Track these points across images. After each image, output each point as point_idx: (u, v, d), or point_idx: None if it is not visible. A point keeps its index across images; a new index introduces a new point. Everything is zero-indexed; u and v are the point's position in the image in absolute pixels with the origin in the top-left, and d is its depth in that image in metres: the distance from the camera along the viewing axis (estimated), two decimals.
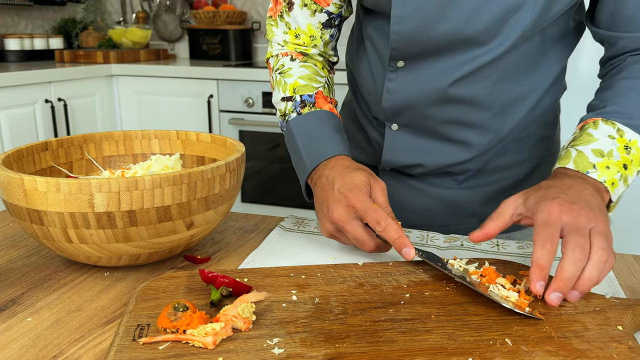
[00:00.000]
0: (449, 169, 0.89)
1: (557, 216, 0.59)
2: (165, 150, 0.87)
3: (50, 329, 0.56)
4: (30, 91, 2.28)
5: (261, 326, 0.53)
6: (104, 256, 0.66)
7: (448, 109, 0.82)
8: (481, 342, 0.51)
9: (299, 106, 0.84)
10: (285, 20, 0.89)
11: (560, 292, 0.56)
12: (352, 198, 0.68)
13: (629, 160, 0.69)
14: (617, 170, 0.68)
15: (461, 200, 0.90)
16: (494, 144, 0.86)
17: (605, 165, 0.67)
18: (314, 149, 0.79)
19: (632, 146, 0.69)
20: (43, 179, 0.60)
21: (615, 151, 0.68)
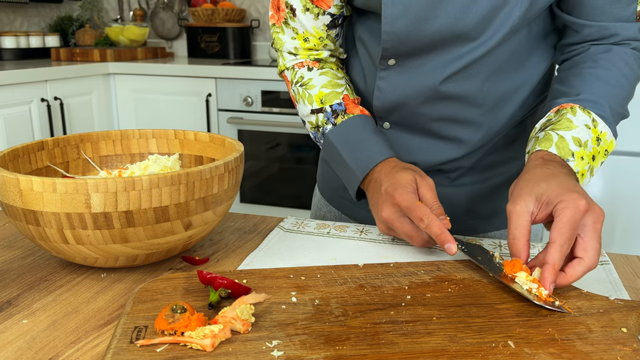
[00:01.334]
0: (441, 167, 0.90)
1: (581, 216, 0.60)
2: (162, 150, 0.86)
3: (46, 331, 0.56)
4: (26, 90, 2.28)
5: (260, 328, 0.53)
6: (100, 257, 0.66)
7: (440, 106, 0.83)
8: (483, 344, 0.51)
9: (332, 117, 0.85)
10: (292, 26, 0.89)
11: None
12: (397, 197, 0.71)
13: (597, 152, 0.70)
14: (587, 162, 0.69)
15: (454, 197, 0.91)
16: (486, 141, 0.87)
17: (581, 156, 0.69)
18: (361, 157, 0.81)
19: (602, 138, 0.71)
20: (39, 179, 0.60)
21: (589, 142, 0.70)
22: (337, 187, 1.01)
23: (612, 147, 0.73)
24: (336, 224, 0.84)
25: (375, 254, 0.74)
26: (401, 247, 0.77)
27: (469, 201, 0.91)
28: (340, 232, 0.81)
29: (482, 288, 0.61)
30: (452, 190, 0.91)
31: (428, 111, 0.84)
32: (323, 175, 1.06)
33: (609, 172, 2.10)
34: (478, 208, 0.92)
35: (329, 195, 1.04)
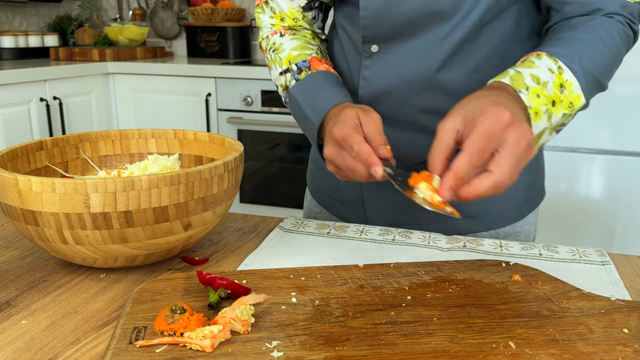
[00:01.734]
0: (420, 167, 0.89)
1: (501, 129, 0.56)
2: (162, 150, 0.86)
3: (45, 331, 0.56)
4: (24, 89, 2.28)
5: (260, 329, 0.53)
6: (100, 257, 0.66)
7: (426, 97, 0.83)
8: (484, 345, 0.51)
9: (296, 74, 0.86)
10: (270, 5, 0.93)
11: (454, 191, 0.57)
12: (335, 131, 0.70)
13: (559, 99, 0.67)
14: (545, 102, 0.66)
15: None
16: None
17: (537, 93, 0.65)
18: (317, 105, 0.80)
19: (567, 87, 0.68)
20: (38, 179, 0.60)
21: (550, 84, 0.67)
22: (326, 186, 1.01)
23: (579, 103, 0.69)
24: (336, 224, 0.84)
25: (375, 255, 0.74)
26: (402, 247, 0.77)
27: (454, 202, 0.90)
28: (340, 233, 0.81)
29: (483, 289, 0.61)
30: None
31: (414, 102, 0.84)
32: (312, 175, 1.06)
33: (609, 171, 2.10)
34: (467, 208, 0.90)
35: (319, 196, 1.04)
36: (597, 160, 2.10)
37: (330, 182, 0.99)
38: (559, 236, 2.17)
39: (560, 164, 2.14)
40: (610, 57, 0.74)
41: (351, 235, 0.80)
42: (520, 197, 0.92)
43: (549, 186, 2.15)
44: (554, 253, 0.74)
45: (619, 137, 2.07)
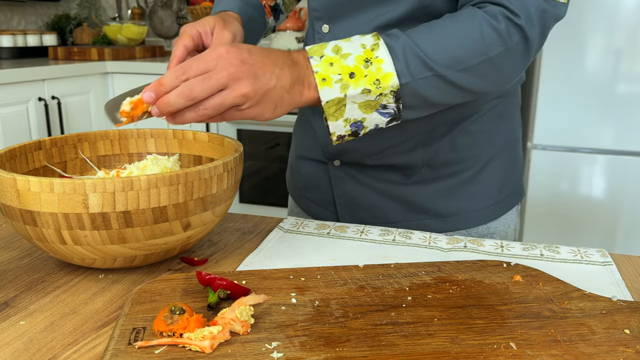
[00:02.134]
0: (393, 161, 0.88)
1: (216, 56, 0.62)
2: (161, 150, 0.86)
3: (43, 332, 0.56)
4: (23, 89, 2.28)
5: (260, 330, 0.53)
6: (98, 258, 0.66)
7: None
8: (485, 346, 0.51)
9: None
10: None
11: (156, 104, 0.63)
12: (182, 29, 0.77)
13: (361, 73, 0.66)
14: (339, 71, 0.65)
15: (411, 196, 0.90)
16: (425, 124, 0.85)
17: (330, 62, 0.66)
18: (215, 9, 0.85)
19: (375, 63, 0.66)
20: (36, 179, 0.60)
21: (352, 57, 0.66)
22: (300, 187, 1.01)
23: (388, 82, 0.66)
24: (336, 225, 0.84)
25: (375, 255, 0.74)
26: (402, 247, 0.77)
27: (427, 200, 0.90)
28: (340, 233, 0.81)
29: (484, 289, 0.61)
30: (409, 188, 0.90)
31: None
32: (289, 176, 1.07)
33: (611, 172, 2.10)
34: (436, 207, 0.90)
35: (296, 197, 1.04)
36: (599, 160, 2.10)
37: (302, 183, 1.00)
38: (560, 236, 2.17)
39: (562, 163, 2.14)
40: (463, 50, 0.68)
41: (351, 236, 0.80)
42: (493, 196, 0.91)
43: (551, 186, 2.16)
44: (555, 253, 0.74)
45: (622, 136, 2.07)
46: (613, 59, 2.02)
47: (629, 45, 2.00)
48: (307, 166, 0.99)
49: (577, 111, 2.09)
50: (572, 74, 2.06)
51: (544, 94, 2.10)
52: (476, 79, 0.70)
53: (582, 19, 2.01)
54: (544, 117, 2.12)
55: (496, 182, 0.91)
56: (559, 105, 2.10)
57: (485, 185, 0.90)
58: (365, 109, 0.68)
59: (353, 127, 0.69)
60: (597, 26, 2.01)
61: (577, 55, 2.04)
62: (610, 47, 2.02)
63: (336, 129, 0.69)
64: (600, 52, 2.03)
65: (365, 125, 0.70)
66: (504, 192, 0.92)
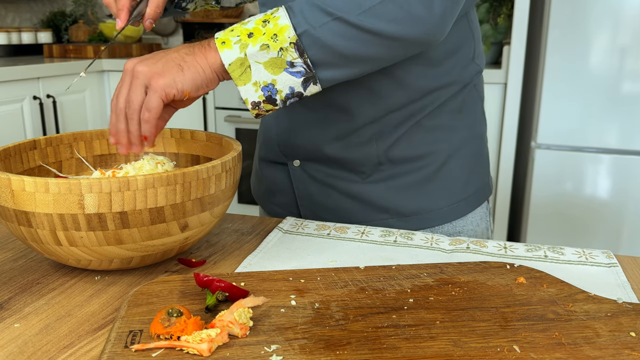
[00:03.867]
0: (348, 155, 0.88)
1: (131, 64, 0.68)
2: (158, 149, 0.87)
3: (38, 335, 0.56)
4: (17, 87, 2.28)
5: (259, 332, 0.53)
6: (94, 259, 0.66)
7: None
8: (488, 349, 0.51)
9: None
10: None
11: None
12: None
13: (259, 32, 0.68)
14: (238, 34, 0.68)
15: (370, 194, 0.90)
16: (378, 112, 0.84)
17: (231, 30, 0.69)
18: None
19: (273, 21, 0.68)
20: (31, 179, 0.60)
21: (252, 21, 0.69)
22: (265, 190, 1.01)
23: (284, 33, 0.67)
24: (336, 225, 0.84)
25: (376, 256, 0.74)
26: (404, 249, 0.77)
27: (386, 199, 0.90)
28: (340, 234, 0.81)
29: (487, 291, 0.61)
30: (367, 187, 0.90)
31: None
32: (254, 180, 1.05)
33: (616, 171, 2.10)
34: (397, 206, 0.89)
35: (262, 201, 1.03)
36: (604, 159, 2.10)
37: (266, 186, 1.00)
38: (564, 237, 2.17)
39: (566, 163, 2.14)
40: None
41: (352, 237, 0.80)
42: (456, 194, 0.90)
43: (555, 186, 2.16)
44: (559, 255, 0.75)
45: (627, 136, 2.07)
46: (618, 57, 2.02)
47: (634, 43, 2.00)
48: (269, 169, 0.99)
49: (582, 110, 2.09)
50: (576, 72, 2.06)
51: (548, 92, 2.10)
52: (383, 21, 0.68)
53: (587, 17, 2.01)
54: (547, 116, 2.12)
55: (459, 180, 0.90)
56: (563, 104, 2.10)
57: (447, 183, 0.90)
58: (272, 68, 0.69)
59: (265, 92, 0.70)
60: (602, 24, 2.01)
61: (582, 54, 2.04)
62: (615, 45, 2.02)
63: (247, 95, 0.70)
64: (605, 50, 2.03)
65: (278, 88, 0.70)
66: (468, 190, 0.91)
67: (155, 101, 0.67)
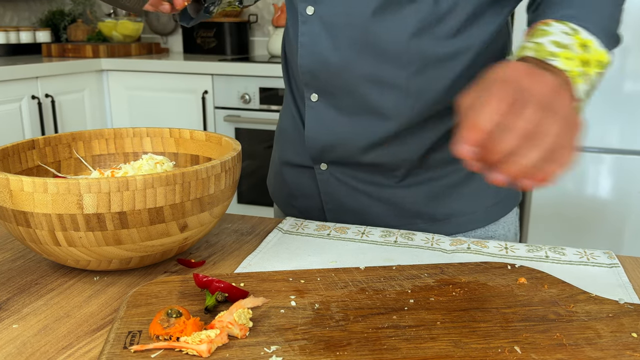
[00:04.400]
0: (382, 160, 0.86)
1: (514, 75, 0.53)
2: (157, 149, 0.87)
3: (37, 336, 0.56)
4: (16, 87, 2.28)
5: (258, 333, 0.53)
6: (93, 260, 0.66)
7: (364, 60, 0.80)
8: (489, 350, 0.51)
9: None
10: None
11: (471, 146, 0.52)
12: None
13: (587, 59, 0.64)
14: (578, 64, 0.62)
15: (403, 199, 0.89)
16: (416, 118, 0.83)
17: (566, 57, 0.62)
18: None
19: (589, 45, 0.64)
20: (30, 179, 0.60)
21: (574, 46, 0.63)
22: (286, 194, 0.99)
23: (606, 60, 0.65)
24: (337, 226, 0.84)
25: (377, 257, 0.74)
26: (404, 249, 0.77)
27: (419, 203, 0.88)
28: (341, 234, 0.81)
29: (488, 292, 0.61)
30: (400, 191, 0.88)
31: (353, 68, 0.80)
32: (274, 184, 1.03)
33: (618, 171, 2.10)
34: (431, 211, 0.88)
35: (282, 205, 1.02)
36: (605, 159, 2.10)
37: (288, 190, 0.98)
38: (566, 238, 2.17)
39: None
40: (614, 5, 0.70)
41: (352, 237, 0.80)
42: (490, 198, 0.90)
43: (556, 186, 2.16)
44: (561, 255, 0.75)
45: (629, 135, 2.07)
46: (619, 56, 2.02)
47: (635, 43, 2.00)
48: (292, 173, 0.97)
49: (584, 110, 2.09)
50: None
51: None
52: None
53: None
54: None
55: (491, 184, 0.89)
56: None
57: (481, 186, 0.89)
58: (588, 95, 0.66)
59: None
60: None
61: None
62: None
63: None
64: None
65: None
66: (500, 194, 0.91)
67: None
